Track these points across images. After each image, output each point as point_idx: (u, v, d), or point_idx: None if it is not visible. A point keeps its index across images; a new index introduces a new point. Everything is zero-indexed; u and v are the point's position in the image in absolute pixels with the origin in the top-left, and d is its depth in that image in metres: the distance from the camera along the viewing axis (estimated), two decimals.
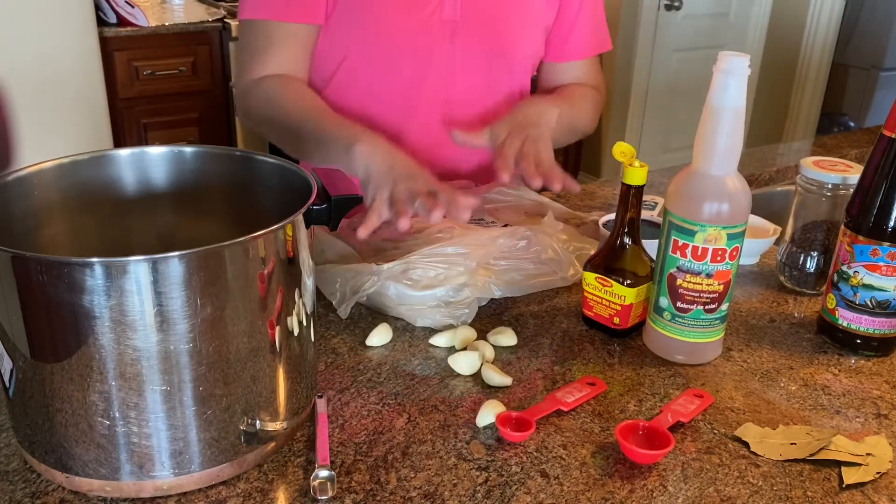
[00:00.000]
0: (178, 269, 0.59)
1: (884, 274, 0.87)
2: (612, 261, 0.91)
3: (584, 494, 0.69)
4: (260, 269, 0.64)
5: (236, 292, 0.63)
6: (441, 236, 0.98)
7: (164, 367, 0.62)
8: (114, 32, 2.71)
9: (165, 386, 0.62)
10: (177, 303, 0.60)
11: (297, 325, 0.71)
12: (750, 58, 0.79)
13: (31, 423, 0.66)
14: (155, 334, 0.60)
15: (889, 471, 0.72)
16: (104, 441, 0.63)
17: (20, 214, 0.71)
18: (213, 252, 0.61)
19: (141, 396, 0.62)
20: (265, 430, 0.70)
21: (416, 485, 0.69)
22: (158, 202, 0.79)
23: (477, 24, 1.16)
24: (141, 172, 0.79)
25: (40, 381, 0.63)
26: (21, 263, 0.58)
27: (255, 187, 0.78)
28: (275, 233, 0.64)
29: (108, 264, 0.57)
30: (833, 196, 0.99)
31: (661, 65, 3.78)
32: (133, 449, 0.64)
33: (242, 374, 0.66)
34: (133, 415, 0.62)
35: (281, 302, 0.67)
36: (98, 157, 0.77)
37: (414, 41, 1.14)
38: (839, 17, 3.95)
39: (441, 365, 0.86)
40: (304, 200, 0.68)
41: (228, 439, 0.67)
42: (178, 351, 0.61)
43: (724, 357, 0.90)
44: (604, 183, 1.47)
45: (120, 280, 0.58)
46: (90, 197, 0.77)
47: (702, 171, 0.83)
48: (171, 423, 0.64)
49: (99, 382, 0.61)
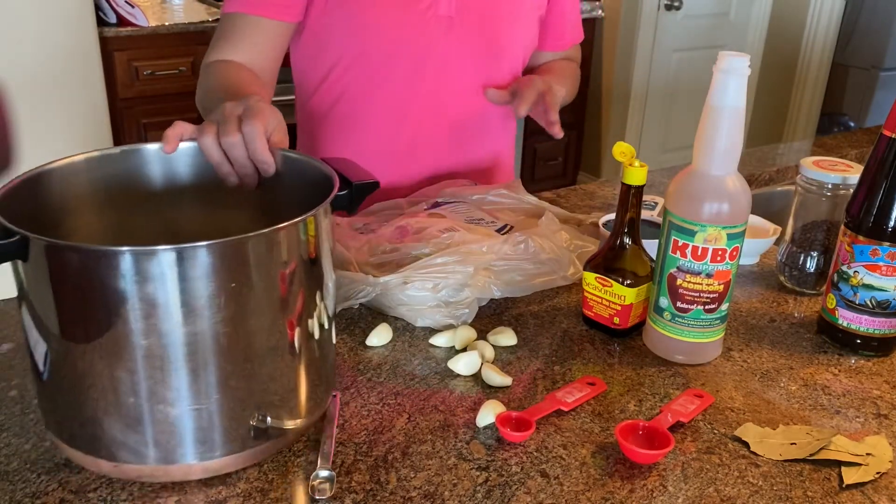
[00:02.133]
0: (207, 259, 0.61)
1: (884, 274, 0.87)
2: (612, 261, 0.91)
3: (584, 494, 0.69)
4: (284, 259, 0.66)
5: (261, 280, 0.65)
6: (442, 238, 0.98)
7: (218, 351, 0.64)
8: (114, 32, 2.71)
9: (227, 366, 0.64)
10: (208, 290, 0.62)
11: (317, 325, 0.72)
12: (750, 58, 0.79)
13: (74, 415, 0.66)
14: (205, 319, 0.62)
15: (889, 471, 0.72)
16: (159, 426, 0.64)
17: (51, 205, 0.73)
18: (240, 242, 0.63)
19: (198, 379, 0.64)
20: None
21: (416, 485, 0.69)
22: (184, 195, 0.81)
23: (472, 20, 1.16)
24: (167, 166, 0.81)
25: (74, 365, 0.64)
26: (54, 251, 0.60)
27: (278, 181, 0.79)
28: (300, 224, 0.66)
29: (138, 252, 0.59)
30: (833, 196, 0.99)
31: (661, 65, 3.77)
32: (184, 432, 0.65)
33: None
34: (185, 397, 0.64)
35: (304, 294, 0.69)
36: (127, 151, 0.80)
37: (409, 38, 1.14)
38: (839, 17, 3.94)
39: (441, 365, 0.86)
40: (325, 192, 0.71)
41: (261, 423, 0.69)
42: (219, 333, 0.63)
43: (724, 357, 0.90)
44: (604, 183, 1.47)
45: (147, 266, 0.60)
46: (118, 189, 0.79)
47: (702, 171, 0.82)
48: (238, 400, 0.66)
49: (159, 370, 0.63)
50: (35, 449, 0.72)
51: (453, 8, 1.15)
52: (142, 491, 0.67)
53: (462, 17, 1.16)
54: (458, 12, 1.15)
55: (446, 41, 1.16)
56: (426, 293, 0.91)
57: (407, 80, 1.17)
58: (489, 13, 1.18)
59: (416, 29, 1.14)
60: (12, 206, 0.63)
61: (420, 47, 1.15)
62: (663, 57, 3.77)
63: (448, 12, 1.15)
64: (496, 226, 1.06)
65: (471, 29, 1.17)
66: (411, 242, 0.98)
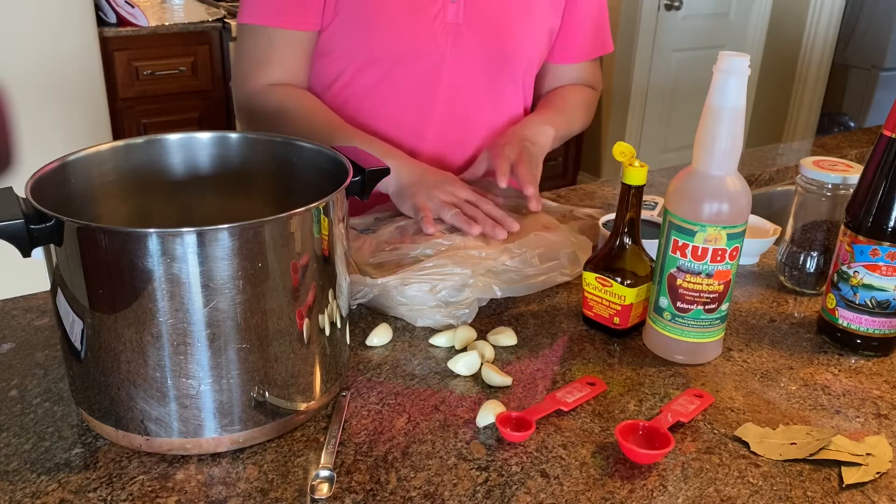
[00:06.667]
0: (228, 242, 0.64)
1: (884, 274, 0.87)
2: (612, 261, 0.91)
3: (584, 494, 0.69)
4: (300, 244, 0.69)
5: (278, 263, 0.68)
6: (442, 239, 0.98)
7: (243, 328, 0.67)
8: (114, 32, 2.71)
9: (245, 344, 0.68)
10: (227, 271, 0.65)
11: (335, 312, 0.76)
12: (750, 58, 0.79)
13: (107, 391, 0.69)
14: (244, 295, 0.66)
15: (889, 471, 0.72)
16: (185, 400, 0.68)
17: (77, 192, 0.76)
18: (260, 225, 0.65)
19: (223, 355, 0.67)
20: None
21: (416, 485, 0.69)
22: (203, 184, 0.86)
23: (480, 28, 1.16)
24: (188, 156, 0.85)
25: (108, 341, 0.67)
26: (87, 234, 0.64)
27: (294, 171, 0.84)
28: (317, 208, 0.69)
29: (163, 234, 0.63)
30: (833, 196, 0.99)
31: (660, 65, 3.78)
32: (209, 405, 0.69)
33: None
34: (213, 372, 0.68)
35: (320, 281, 0.72)
36: (150, 141, 0.84)
37: (417, 45, 1.14)
38: (839, 17, 3.95)
39: (441, 365, 0.86)
40: (337, 180, 0.74)
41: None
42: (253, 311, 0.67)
43: (724, 357, 0.90)
44: (604, 183, 1.47)
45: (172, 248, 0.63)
46: (141, 178, 0.83)
47: (702, 171, 0.83)
48: (252, 378, 0.69)
49: (181, 343, 0.66)
50: (35, 449, 0.72)
51: (461, 15, 1.14)
52: (142, 491, 0.67)
53: (470, 24, 1.15)
54: (466, 20, 1.15)
55: (454, 49, 1.16)
56: (426, 293, 0.91)
57: (414, 87, 1.17)
58: (498, 21, 1.17)
59: (423, 36, 1.14)
60: (42, 194, 0.66)
61: (428, 54, 1.15)
62: (663, 57, 3.77)
63: (456, 20, 1.14)
64: None
65: (479, 37, 1.16)
66: (411, 243, 0.98)
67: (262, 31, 1.14)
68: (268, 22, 1.13)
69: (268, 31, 1.13)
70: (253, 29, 1.14)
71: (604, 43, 1.32)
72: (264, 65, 1.15)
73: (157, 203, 0.84)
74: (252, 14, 1.14)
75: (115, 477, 0.69)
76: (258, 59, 1.15)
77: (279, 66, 1.15)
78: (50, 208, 0.64)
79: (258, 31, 1.14)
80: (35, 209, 0.64)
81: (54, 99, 2.30)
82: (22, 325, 0.91)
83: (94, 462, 0.70)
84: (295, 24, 1.13)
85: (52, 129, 2.28)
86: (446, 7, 1.13)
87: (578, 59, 1.31)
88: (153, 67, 2.82)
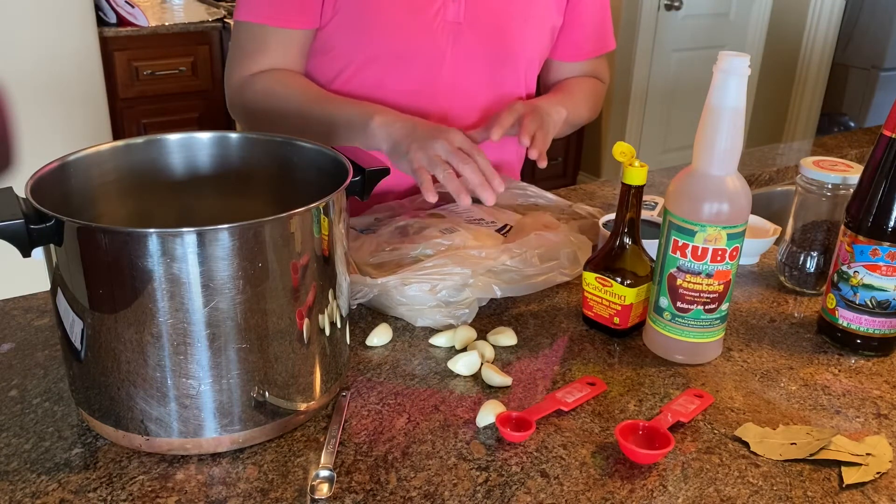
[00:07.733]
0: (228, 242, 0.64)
1: (884, 274, 0.87)
2: (612, 261, 0.91)
3: (584, 494, 0.69)
4: (300, 244, 0.69)
5: (278, 263, 0.68)
6: (442, 239, 0.98)
7: (244, 328, 0.67)
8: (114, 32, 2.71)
9: (245, 344, 0.68)
10: (227, 271, 0.65)
11: (334, 313, 0.75)
12: (750, 58, 0.79)
13: (107, 392, 0.69)
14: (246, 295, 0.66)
15: (889, 471, 0.72)
16: (185, 400, 0.68)
17: (77, 192, 0.76)
18: (260, 225, 0.65)
19: (223, 355, 0.67)
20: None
21: (416, 485, 0.69)
22: (202, 184, 0.86)
23: (481, 26, 1.16)
24: (187, 156, 0.85)
25: (107, 341, 0.67)
26: (87, 234, 0.64)
27: (294, 171, 0.84)
28: (317, 208, 0.69)
29: (163, 234, 0.63)
30: (833, 196, 0.99)
31: (660, 65, 3.78)
32: (209, 405, 0.69)
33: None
34: (213, 372, 0.68)
35: (320, 281, 0.72)
36: (150, 141, 0.84)
37: (417, 44, 1.14)
38: (839, 17, 3.95)
39: (441, 365, 0.86)
40: (337, 180, 0.74)
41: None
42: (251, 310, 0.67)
43: (724, 357, 0.90)
44: (604, 183, 1.47)
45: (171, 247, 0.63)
46: (140, 178, 0.83)
47: (702, 171, 0.83)
48: (251, 378, 0.69)
49: (183, 345, 0.66)
50: (35, 449, 0.72)
51: (462, 14, 1.14)
52: (142, 491, 0.67)
53: (471, 23, 1.15)
54: (466, 18, 1.14)
55: (454, 47, 1.15)
56: (426, 293, 0.91)
57: (415, 85, 1.17)
58: (498, 19, 1.17)
59: (424, 34, 1.13)
60: (42, 194, 0.67)
61: (428, 53, 1.15)
62: (663, 57, 3.77)
63: (456, 18, 1.14)
64: (496, 226, 1.06)
65: (479, 35, 1.16)
66: (411, 243, 0.98)
67: (259, 29, 1.13)
68: (265, 20, 1.12)
69: (264, 29, 1.13)
70: (250, 26, 1.14)
71: (606, 40, 1.33)
72: (256, 56, 1.14)
73: (156, 203, 0.84)
74: (249, 11, 1.13)
75: (115, 477, 0.69)
76: (250, 52, 1.14)
77: (271, 58, 1.14)
78: (50, 208, 0.64)
79: (254, 29, 1.14)
80: (35, 209, 0.64)
81: (54, 99, 2.30)
82: (22, 325, 0.91)
83: (94, 462, 0.70)
84: (293, 23, 1.12)
85: (52, 129, 2.28)
86: (447, 6, 1.13)
87: (581, 58, 1.32)
88: (153, 67, 2.82)
